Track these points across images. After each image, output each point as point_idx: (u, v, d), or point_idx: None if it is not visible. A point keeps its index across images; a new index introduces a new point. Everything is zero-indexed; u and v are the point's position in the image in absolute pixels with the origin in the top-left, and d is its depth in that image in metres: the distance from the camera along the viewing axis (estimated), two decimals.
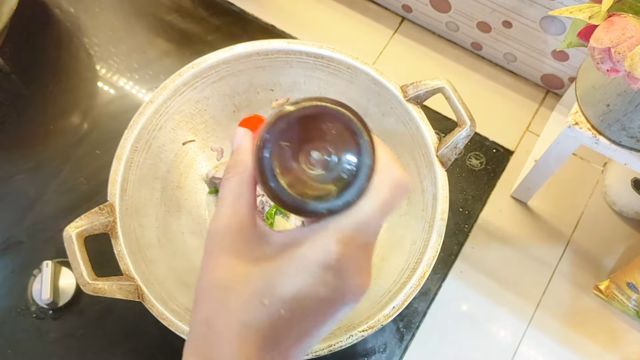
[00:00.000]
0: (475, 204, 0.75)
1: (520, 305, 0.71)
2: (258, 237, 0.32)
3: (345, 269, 0.30)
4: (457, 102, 0.60)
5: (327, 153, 0.31)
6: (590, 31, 0.46)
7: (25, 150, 0.78)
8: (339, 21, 0.86)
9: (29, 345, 0.68)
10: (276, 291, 0.30)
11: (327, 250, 0.30)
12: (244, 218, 0.32)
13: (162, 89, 0.64)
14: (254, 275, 0.31)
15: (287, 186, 0.30)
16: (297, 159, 0.31)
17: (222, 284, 0.31)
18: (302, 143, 0.31)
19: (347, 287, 0.31)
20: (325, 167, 0.31)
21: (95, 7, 0.86)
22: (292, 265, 0.30)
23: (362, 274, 0.31)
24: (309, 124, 0.31)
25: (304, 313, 0.31)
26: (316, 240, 0.30)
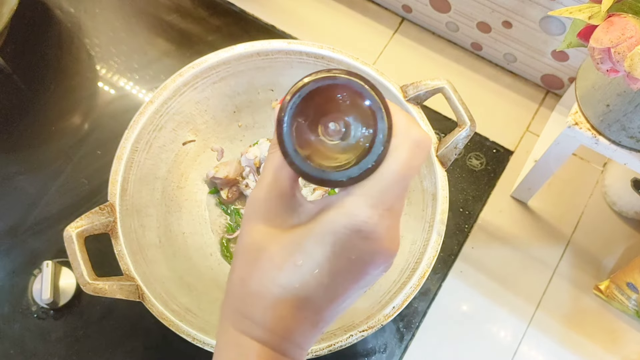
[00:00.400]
0: (475, 204, 0.75)
1: (520, 305, 0.71)
2: (294, 207, 0.34)
3: (373, 232, 0.31)
4: (457, 102, 0.60)
5: (343, 122, 0.32)
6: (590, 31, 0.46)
7: (26, 151, 0.78)
8: (339, 21, 0.86)
9: (30, 345, 0.68)
10: (308, 253, 0.31)
11: (354, 214, 0.31)
12: (283, 189, 0.33)
13: (163, 89, 0.64)
14: (290, 239, 0.32)
15: (308, 158, 0.31)
16: (315, 131, 0.32)
17: (257, 246, 0.33)
18: (319, 115, 0.32)
19: (377, 250, 0.32)
20: (343, 137, 0.32)
21: (95, 8, 0.86)
22: (323, 229, 0.31)
23: (390, 237, 0.32)
24: (323, 96, 0.31)
25: (336, 274, 0.32)
26: (344, 205, 0.31)
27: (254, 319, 0.33)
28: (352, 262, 0.32)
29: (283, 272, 0.32)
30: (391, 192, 0.31)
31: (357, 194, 0.31)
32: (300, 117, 0.31)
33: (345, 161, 0.31)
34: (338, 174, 0.31)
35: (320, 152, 0.32)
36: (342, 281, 0.32)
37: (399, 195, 0.32)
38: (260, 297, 0.32)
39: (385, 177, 0.31)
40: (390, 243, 0.32)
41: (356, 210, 0.31)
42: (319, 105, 0.32)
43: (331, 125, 0.32)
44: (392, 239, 0.32)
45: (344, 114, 0.32)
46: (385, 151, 0.31)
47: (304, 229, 0.32)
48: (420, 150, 0.32)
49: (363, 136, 0.31)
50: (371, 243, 0.31)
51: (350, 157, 0.31)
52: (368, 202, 0.31)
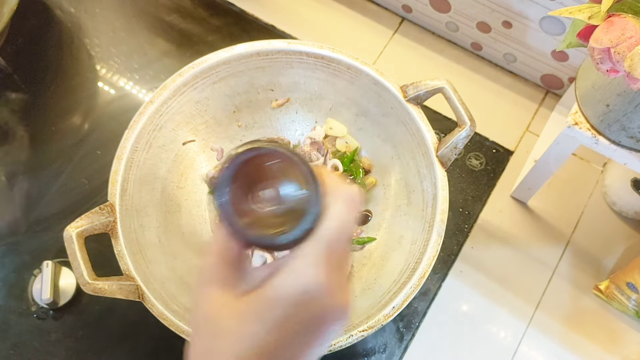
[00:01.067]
0: (475, 204, 0.75)
1: (520, 305, 0.71)
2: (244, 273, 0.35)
3: (321, 290, 0.32)
4: (457, 103, 0.60)
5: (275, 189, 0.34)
6: (589, 31, 0.46)
7: (26, 151, 0.78)
8: (339, 21, 0.86)
9: (30, 345, 0.68)
10: (260, 320, 0.32)
11: (300, 275, 0.32)
12: (232, 256, 0.35)
13: (163, 89, 0.64)
14: (240, 307, 0.33)
15: (248, 227, 0.33)
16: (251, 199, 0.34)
17: (213, 318, 0.33)
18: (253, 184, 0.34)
19: (327, 307, 0.33)
20: (278, 202, 0.34)
21: (95, 8, 0.86)
22: (273, 294, 0.32)
23: (341, 293, 0.33)
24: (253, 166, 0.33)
25: (292, 338, 0.33)
26: (290, 268, 0.32)
27: None
28: (306, 322, 0.32)
29: (241, 342, 0.32)
30: (333, 248, 0.33)
31: (301, 255, 0.32)
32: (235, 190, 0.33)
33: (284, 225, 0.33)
34: (279, 238, 0.33)
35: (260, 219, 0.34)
36: (299, 342, 0.33)
37: (342, 251, 0.34)
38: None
39: (325, 235, 0.32)
40: (340, 299, 0.33)
41: (302, 272, 0.32)
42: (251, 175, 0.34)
43: (263, 192, 0.34)
44: (341, 295, 0.33)
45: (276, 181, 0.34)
46: (320, 210, 0.33)
47: (256, 295, 0.33)
48: (352, 203, 0.34)
49: (298, 200, 0.33)
50: (321, 301, 0.32)
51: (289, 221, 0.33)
52: (312, 262, 0.32)
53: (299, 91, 0.70)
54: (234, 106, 0.70)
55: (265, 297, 0.32)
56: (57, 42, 0.84)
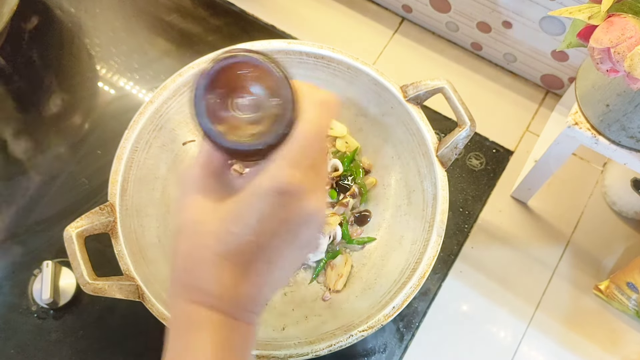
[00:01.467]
0: (475, 204, 0.75)
1: (520, 306, 0.71)
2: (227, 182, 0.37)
3: (297, 190, 0.34)
4: (457, 102, 0.60)
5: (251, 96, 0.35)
6: (589, 31, 0.46)
7: (26, 151, 0.78)
8: (339, 21, 0.86)
9: (30, 345, 0.68)
10: (241, 220, 0.34)
11: (277, 175, 0.33)
12: (216, 166, 0.36)
13: (163, 89, 0.64)
14: (222, 210, 0.34)
15: (224, 134, 0.34)
16: (227, 108, 0.35)
17: (195, 220, 0.35)
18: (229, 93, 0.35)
19: (303, 207, 0.34)
20: (254, 109, 0.35)
21: (95, 8, 0.86)
22: (251, 195, 0.34)
23: (315, 194, 0.35)
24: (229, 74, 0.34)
25: (270, 236, 0.34)
26: (267, 170, 0.34)
27: (202, 288, 0.35)
28: (283, 221, 0.34)
29: (221, 241, 0.34)
30: (308, 150, 0.34)
31: (278, 158, 0.34)
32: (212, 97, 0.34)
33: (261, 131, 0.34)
34: (255, 143, 0.34)
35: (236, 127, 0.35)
36: (276, 242, 0.35)
37: (318, 154, 0.35)
38: (204, 268, 0.34)
39: (300, 137, 0.34)
40: (315, 200, 0.35)
41: (278, 172, 0.33)
42: (227, 83, 0.34)
43: (239, 100, 0.35)
44: (317, 196, 0.35)
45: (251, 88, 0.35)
46: (295, 115, 0.34)
47: (235, 198, 0.34)
48: (326, 107, 0.35)
49: (272, 106, 0.34)
50: (297, 201, 0.34)
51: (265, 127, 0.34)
52: (288, 164, 0.33)
53: None
54: None
55: (243, 199, 0.34)
56: (57, 42, 0.84)
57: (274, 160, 0.34)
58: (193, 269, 0.35)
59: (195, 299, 0.35)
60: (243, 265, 0.35)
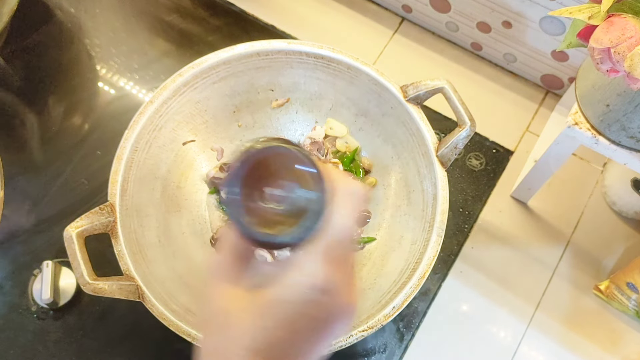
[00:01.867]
0: (475, 204, 0.75)
1: (520, 306, 0.71)
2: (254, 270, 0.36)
3: (330, 288, 0.33)
4: (457, 102, 0.60)
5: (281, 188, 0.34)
6: (589, 31, 0.46)
7: (27, 151, 0.78)
8: (339, 21, 0.86)
9: (30, 345, 0.68)
10: (272, 315, 0.33)
11: (311, 272, 0.33)
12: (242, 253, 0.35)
13: (163, 89, 0.64)
14: (252, 302, 0.33)
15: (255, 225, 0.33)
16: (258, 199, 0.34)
17: (222, 312, 0.34)
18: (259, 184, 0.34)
19: (336, 304, 0.33)
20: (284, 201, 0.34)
21: (95, 8, 0.86)
22: (283, 291, 0.33)
23: (347, 291, 0.34)
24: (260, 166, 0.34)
25: (301, 333, 0.33)
26: (299, 266, 0.33)
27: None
28: (314, 319, 0.33)
29: (251, 336, 0.33)
30: (340, 245, 0.33)
31: (309, 252, 0.33)
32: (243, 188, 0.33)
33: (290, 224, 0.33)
34: (285, 237, 0.33)
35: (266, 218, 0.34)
36: (307, 338, 0.34)
37: (348, 247, 0.34)
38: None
39: (333, 232, 0.33)
40: (348, 297, 0.34)
41: (314, 269, 0.32)
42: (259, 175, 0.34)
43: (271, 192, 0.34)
44: (350, 292, 0.34)
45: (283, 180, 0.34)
46: (325, 208, 0.33)
47: (265, 292, 0.33)
48: (357, 200, 0.34)
49: (303, 198, 0.34)
50: (329, 299, 0.33)
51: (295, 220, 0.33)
52: (323, 260, 0.33)
53: (299, 91, 0.70)
54: (234, 106, 0.70)
55: (276, 293, 0.33)
56: (57, 42, 0.84)
57: (305, 254, 0.33)
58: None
59: None
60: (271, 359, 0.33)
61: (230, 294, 0.34)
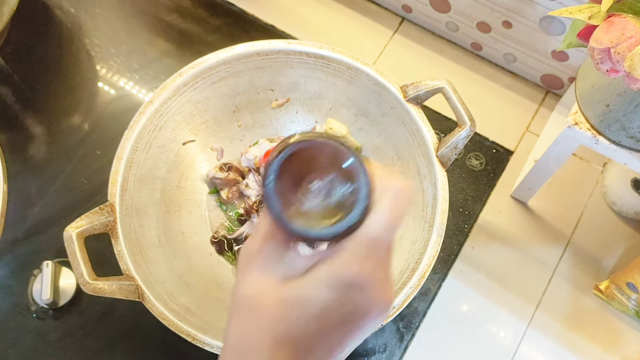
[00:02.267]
0: (475, 204, 0.75)
1: (520, 306, 0.71)
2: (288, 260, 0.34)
3: (367, 284, 0.32)
4: (457, 102, 0.60)
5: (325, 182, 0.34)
6: (589, 31, 0.46)
7: (26, 151, 0.78)
8: (339, 21, 0.86)
9: (30, 345, 0.68)
10: (304, 306, 0.32)
11: (346, 268, 0.32)
12: (277, 242, 0.34)
13: (163, 89, 0.64)
14: (284, 292, 0.33)
15: (294, 219, 0.33)
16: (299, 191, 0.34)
17: (253, 300, 0.33)
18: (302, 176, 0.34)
19: (371, 302, 0.32)
20: (327, 195, 0.34)
21: (95, 8, 0.86)
22: (318, 284, 0.32)
23: (383, 288, 0.33)
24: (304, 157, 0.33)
25: (332, 327, 0.32)
26: (336, 260, 0.32)
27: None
28: (347, 314, 0.32)
29: (281, 326, 0.32)
30: (380, 243, 0.32)
31: (348, 248, 0.32)
32: (284, 179, 0.33)
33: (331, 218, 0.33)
34: (325, 232, 0.33)
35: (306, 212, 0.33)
36: (338, 333, 0.33)
37: (388, 245, 0.33)
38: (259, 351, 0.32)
39: (372, 229, 0.32)
40: (384, 294, 0.33)
41: (348, 263, 0.32)
42: (301, 166, 0.33)
43: (313, 184, 0.34)
44: (385, 290, 0.33)
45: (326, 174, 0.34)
46: (369, 205, 0.32)
47: (299, 282, 0.33)
48: (402, 199, 0.33)
49: (346, 193, 0.33)
50: (365, 295, 0.32)
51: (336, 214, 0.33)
52: (359, 255, 0.32)
53: (299, 91, 0.70)
54: (234, 106, 0.70)
55: (310, 286, 0.32)
56: (57, 42, 0.84)
57: (344, 249, 0.32)
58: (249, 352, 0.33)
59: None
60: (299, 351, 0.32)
61: (263, 283, 0.33)
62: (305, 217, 0.33)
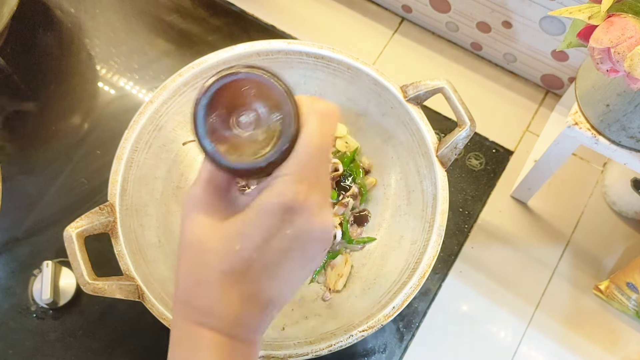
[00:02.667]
0: (475, 204, 0.75)
1: (520, 306, 0.71)
2: (231, 200, 0.36)
3: (303, 208, 0.33)
4: (457, 102, 0.60)
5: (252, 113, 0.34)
6: (589, 31, 0.46)
7: (26, 151, 0.78)
8: (339, 21, 0.86)
9: (30, 345, 0.68)
10: (246, 237, 0.33)
11: (282, 192, 0.32)
12: (219, 184, 0.35)
13: (163, 89, 0.64)
14: (226, 228, 0.34)
15: (226, 154, 0.33)
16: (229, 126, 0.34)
17: (199, 239, 0.34)
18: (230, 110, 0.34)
19: (311, 223, 0.33)
20: (256, 125, 0.34)
21: (95, 8, 0.86)
22: (256, 212, 0.33)
23: (321, 210, 0.34)
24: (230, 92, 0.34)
25: (275, 254, 0.33)
26: (272, 187, 0.33)
27: (203, 308, 0.34)
28: (289, 239, 0.33)
29: (224, 259, 0.33)
30: (313, 164, 0.33)
31: (282, 174, 0.33)
32: (213, 115, 0.33)
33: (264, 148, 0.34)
34: (258, 161, 0.33)
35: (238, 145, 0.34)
36: (282, 260, 0.34)
37: (322, 168, 0.34)
38: (207, 287, 0.33)
39: (303, 151, 0.33)
40: (322, 216, 0.34)
41: (283, 189, 0.32)
42: (228, 101, 0.34)
43: (242, 117, 0.34)
44: (323, 212, 0.34)
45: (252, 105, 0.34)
46: (297, 129, 0.33)
47: (238, 216, 0.33)
48: (328, 118, 0.34)
49: (274, 121, 0.34)
50: (304, 217, 0.33)
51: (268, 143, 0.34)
52: (293, 179, 0.33)
53: (299, 91, 0.70)
54: None
55: (248, 216, 0.33)
56: (57, 42, 0.84)
57: (279, 176, 0.33)
58: (194, 289, 0.34)
59: (197, 319, 0.34)
60: (247, 284, 0.33)
61: (206, 224, 0.34)
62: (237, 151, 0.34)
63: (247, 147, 0.34)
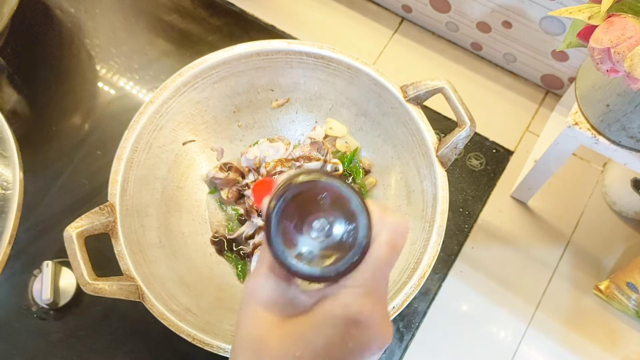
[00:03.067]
0: (475, 204, 0.75)
1: (520, 305, 0.71)
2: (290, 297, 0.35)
3: (368, 322, 0.33)
4: (457, 103, 0.60)
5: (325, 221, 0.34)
6: (589, 31, 0.46)
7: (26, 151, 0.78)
8: (339, 21, 0.86)
9: (31, 346, 0.68)
10: (307, 344, 0.33)
11: (348, 305, 0.33)
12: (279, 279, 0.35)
13: (163, 89, 0.64)
14: (287, 330, 0.33)
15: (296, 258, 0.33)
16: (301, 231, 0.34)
17: (257, 337, 0.34)
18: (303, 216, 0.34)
19: (372, 336, 0.33)
20: (327, 234, 0.34)
21: (95, 8, 0.86)
22: (320, 321, 0.33)
23: (383, 324, 0.34)
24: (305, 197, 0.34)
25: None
26: (339, 298, 0.33)
27: None
28: (349, 350, 0.33)
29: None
30: (379, 279, 0.34)
31: (349, 285, 0.33)
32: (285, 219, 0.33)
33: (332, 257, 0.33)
34: (327, 270, 0.33)
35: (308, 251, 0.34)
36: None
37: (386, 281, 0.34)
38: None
39: (373, 265, 0.33)
40: (384, 328, 0.34)
41: (350, 302, 0.33)
42: (302, 206, 0.34)
43: (315, 224, 0.34)
44: (385, 325, 0.34)
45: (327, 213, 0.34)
46: (368, 242, 0.33)
47: (301, 320, 0.33)
48: (398, 234, 0.34)
49: (346, 231, 0.34)
50: (366, 332, 0.33)
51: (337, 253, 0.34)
52: (360, 292, 0.33)
53: (299, 91, 0.70)
54: (234, 106, 0.70)
55: (313, 322, 0.33)
56: (57, 42, 0.84)
57: (346, 286, 0.33)
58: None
59: None
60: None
61: (265, 320, 0.34)
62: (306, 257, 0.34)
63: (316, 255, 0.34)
